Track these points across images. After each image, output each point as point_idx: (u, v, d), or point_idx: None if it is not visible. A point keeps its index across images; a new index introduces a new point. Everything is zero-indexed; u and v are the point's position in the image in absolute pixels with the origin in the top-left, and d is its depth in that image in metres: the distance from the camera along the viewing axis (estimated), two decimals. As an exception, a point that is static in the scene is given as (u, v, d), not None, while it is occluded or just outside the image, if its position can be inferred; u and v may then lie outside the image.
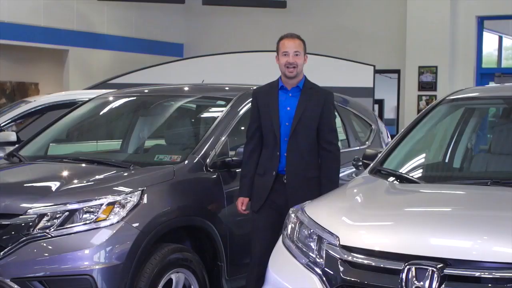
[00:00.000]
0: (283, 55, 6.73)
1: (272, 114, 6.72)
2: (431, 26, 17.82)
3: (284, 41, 6.81)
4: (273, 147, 6.71)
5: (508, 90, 7.41)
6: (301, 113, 6.68)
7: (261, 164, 6.79)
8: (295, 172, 6.66)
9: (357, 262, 4.81)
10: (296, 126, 6.66)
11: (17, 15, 16.81)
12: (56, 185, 6.69)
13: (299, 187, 6.64)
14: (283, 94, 6.81)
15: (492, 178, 5.86)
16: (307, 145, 6.73)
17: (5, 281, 6.09)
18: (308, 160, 6.73)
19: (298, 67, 6.72)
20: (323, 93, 6.95)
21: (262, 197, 6.70)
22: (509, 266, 4.44)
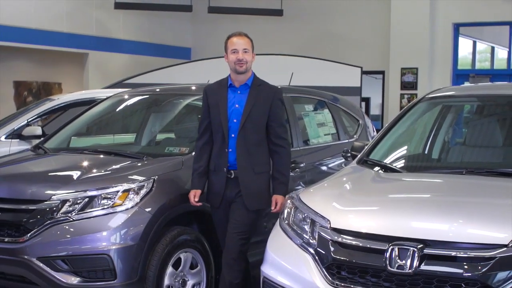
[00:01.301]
0: (232, 53, 6.36)
1: (221, 111, 6.32)
2: (412, 32, 17.82)
3: (233, 39, 6.43)
4: (222, 144, 6.32)
5: (481, 89, 7.41)
6: (250, 109, 6.29)
7: (212, 160, 6.40)
8: (245, 168, 6.27)
9: (346, 243, 4.81)
10: (245, 122, 6.26)
11: (43, 22, 16.79)
12: (77, 174, 6.68)
13: (251, 182, 6.27)
14: (232, 92, 6.42)
15: (467, 168, 5.88)
16: (256, 141, 6.33)
17: (32, 260, 6.10)
18: (257, 156, 6.33)
19: (248, 63, 6.36)
20: (271, 89, 6.50)
21: (219, 193, 6.32)
22: (482, 247, 4.45)
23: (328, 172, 8.07)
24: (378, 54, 18.56)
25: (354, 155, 6.48)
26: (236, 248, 6.21)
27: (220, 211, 6.40)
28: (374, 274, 4.64)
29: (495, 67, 19.72)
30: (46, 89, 18.30)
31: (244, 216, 6.24)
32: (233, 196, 6.28)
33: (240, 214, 6.24)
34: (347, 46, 18.92)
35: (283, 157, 6.37)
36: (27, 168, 7.32)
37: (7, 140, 10.56)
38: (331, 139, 9.06)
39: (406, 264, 4.53)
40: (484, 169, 5.78)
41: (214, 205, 6.40)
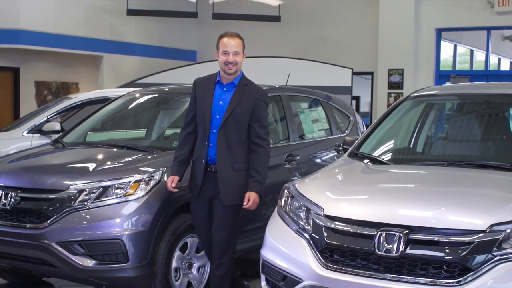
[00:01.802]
0: (223, 54, 6.02)
1: (205, 106, 6.05)
2: (398, 36, 17.82)
3: (224, 40, 6.07)
4: (203, 137, 6.06)
5: (461, 89, 7.40)
6: (233, 108, 5.99)
7: (195, 151, 6.17)
8: (225, 163, 6.00)
9: (338, 228, 4.82)
10: (227, 119, 5.97)
11: (61, 27, 16.78)
12: (92, 165, 6.68)
13: (228, 178, 6.00)
14: (218, 88, 6.13)
15: (448, 160, 5.88)
16: (237, 138, 6.03)
17: (51, 244, 6.11)
18: (237, 153, 6.03)
19: (237, 65, 6.05)
20: (256, 91, 6.19)
21: (197, 184, 6.07)
22: (462, 232, 4.46)
23: (322, 164, 8.07)
24: (367, 56, 18.55)
25: (346, 149, 6.47)
26: (222, 244, 6.10)
27: (198, 202, 6.17)
28: (364, 257, 4.65)
29: (474, 68, 19.71)
30: (64, 89, 18.28)
31: (225, 211, 6.06)
32: (212, 192, 6.07)
33: (221, 210, 6.06)
34: (339, 49, 18.91)
35: (261, 156, 6.11)
36: (47, 160, 7.32)
37: (28, 135, 10.59)
38: (325, 134, 9.06)
39: (393, 248, 4.54)
40: (464, 161, 5.77)
41: (194, 195, 6.19)
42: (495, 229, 4.44)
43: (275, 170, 7.65)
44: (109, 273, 6.12)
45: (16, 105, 17.37)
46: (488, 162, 5.66)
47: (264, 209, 7.27)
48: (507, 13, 16.88)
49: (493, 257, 4.36)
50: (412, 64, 17.85)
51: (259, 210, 7.26)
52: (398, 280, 4.50)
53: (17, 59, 17.13)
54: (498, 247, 4.39)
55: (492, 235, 4.42)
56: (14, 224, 6.35)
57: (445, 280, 4.39)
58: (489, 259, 4.36)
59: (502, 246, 4.39)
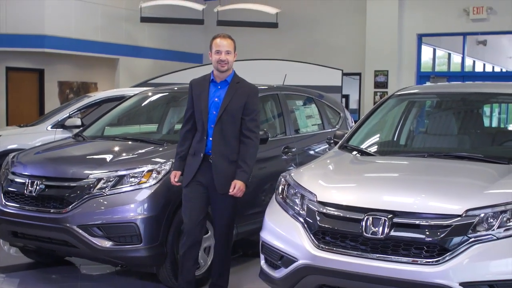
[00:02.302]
0: (215, 53, 5.85)
1: (202, 103, 5.85)
2: (384, 41, 17.81)
3: (217, 40, 5.89)
4: (202, 132, 5.83)
5: (440, 88, 7.39)
6: (227, 103, 5.80)
7: (193, 146, 5.91)
8: (220, 155, 5.78)
9: (329, 213, 4.80)
10: (222, 114, 5.78)
11: (82, 33, 16.79)
12: (109, 157, 6.69)
13: (223, 168, 5.78)
14: (213, 86, 5.93)
15: (428, 152, 5.88)
16: (232, 132, 5.83)
17: (73, 227, 6.13)
18: (231, 145, 5.83)
19: (229, 63, 5.86)
20: (248, 87, 6.00)
21: (190, 174, 5.82)
22: (441, 216, 4.46)
23: (315, 156, 8.06)
24: (356, 59, 18.54)
25: (336, 142, 6.46)
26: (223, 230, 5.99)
27: (188, 191, 5.87)
28: (352, 238, 4.64)
29: (451, 70, 19.70)
30: (84, 88, 18.29)
31: (222, 200, 5.88)
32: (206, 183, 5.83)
33: (218, 199, 5.88)
34: (330, 53, 18.89)
35: (249, 148, 5.88)
36: (69, 152, 7.31)
37: (52, 130, 10.63)
38: (317, 129, 9.05)
39: (379, 231, 4.53)
40: (442, 153, 5.76)
41: (183, 184, 5.89)
42: (470, 213, 4.44)
43: (273, 160, 7.65)
44: (124, 253, 6.14)
45: (41, 102, 17.38)
46: (464, 154, 5.65)
47: (263, 195, 7.29)
48: (481, 20, 16.89)
49: (469, 239, 4.37)
50: (395, 66, 17.84)
51: (258, 197, 7.27)
52: (383, 259, 4.49)
53: (42, 61, 17.14)
54: (473, 230, 4.39)
55: (467, 219, 4.42)
56: (39, 209, 6.37)
57: (425, 259, 4.39)
58: (465, 240, 4.36)
59: (476, 229, 4.40)
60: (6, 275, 7.09)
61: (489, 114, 14.07)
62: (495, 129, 6.87)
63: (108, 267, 7.34)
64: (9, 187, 6.69)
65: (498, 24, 16.80)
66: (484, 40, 19.23)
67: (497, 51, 23.15)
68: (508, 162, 5.30)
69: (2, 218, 6.60)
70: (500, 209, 4.45)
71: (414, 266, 4.40)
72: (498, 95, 6.96)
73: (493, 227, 4.39)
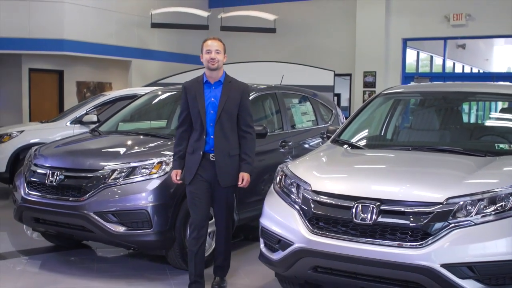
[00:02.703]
0: (206, 53, 5.67)
1: (199, 104, 5.63)
2: (372, 45, 17.81)
3: (208, 42, 5.73)
4: (201, 131, 5.61)
5: (423, 87, 7.39)
6: (224, 102, 5.64)
7: (190, 145, 5.70)
8: (222, 151, 5.61)
9: (322, 201, 4.80)
10: (221, 113, 5.61)
11: (98, 37, 16.77)
12: (123, 150, 6.68)
13: (224, 163, 5.63)
14: (207, 87, 5.71)
15: (412, 146, 5.87)
16: (230, 128, 5.68)
17: (90, 214, 6.12)
18: (231, 141, 5.68)
19: (219, 62, 5.65)
20: (240, 85, 5.84)
21: (192, 172, 5.63)
22: (424, 204, 4.48)
23: (309, 149, 8.06)
24: (346, 61, 18.51)
25: (329, 136, 6.45)
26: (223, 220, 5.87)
27: (192, 188, 5.67)
28: (343, 224, 4.64)
29: (433, 71, 19.67)
30: (100, 87, 18.27)
31: (224, 193, 5.74)
32: (209, 178, 5.66)
33: (220, 193, 5.73)
34: (323, 55, 18.87)
35: (249, 141, 5.81)
36: (86, 145, 7.30)
37: (71, 125, 10.64)
38: (312, 124, 9.04)
39: (367, 217, 4.54)
40: (425, 146, 5.75)
41: (186, 181, 5.71)
42: (451, 201, 4.45)
43: (272, 153, 7.65)
44: (136, 237, 6.13)
45: (60, 100, 17.38)
46: (445, 147, 5.64)
47: (262, 185, 7.28)
48: (460, 26, 16.90)
49: (449, 224, 4.37)
50: (383, 67, 17.83)
51: (258, 186, 7.26)
52: (371, 243, 4.50)
53: (61, 63, 17.13)
54: (453, 216, 4.40)
55: (448, 207, 4.43)
56: (59, 198, 6.37)
57: (409, 243, 4.40)
58: (446, 226, 4.37)
59: (456, 215, 4.41)
60: (29, 258, 7.10)
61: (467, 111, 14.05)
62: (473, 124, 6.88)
63: (121, 250, 7.35)
64: (32, 177, 6.69)
65: (476, 29, 16.81)
66: (463, 44, 19.25)
67: (475, 54, 23.16)
68: (485, 155, 5.31)
69: (25, 205, 6.60)
70: (477, 197, 4.47)
71: (400, 249, 4.41)
72: (476, 94, 6.95)
73: (471, 214, 4.41)
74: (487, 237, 4.32)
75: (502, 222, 4.38)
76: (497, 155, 5.36)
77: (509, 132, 6.06)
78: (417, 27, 17.55)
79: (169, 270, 6.55)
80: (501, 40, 20.26)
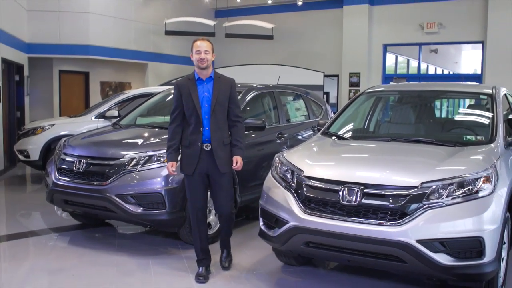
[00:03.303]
0: (196, 53, 5.42)
1: (194, 99, 5.33)
2: (357, 50, 17.75)
3: (197, 43, 5.46)
4: (196, 124, 5.31)
5: (401, 87, 7.36)
6: (217, 95, 5.36)
7: (185, 138, 5.40)
8: (218, 141, 5.33)
9: (314, 185, 4.80)
10: (215, 106, 5.34)
11: (119, 43, 16.72)
12: (141, 141, 6.66)
13: (221, 151, 5.34)
14: (200, 84, 5.42)
15: (391, 137, 5.86)
16: (223, 119, 5.41)
17: (112, 196, 6.12)
18: (224, 130, 5.42)
19: (208, 61, 5.38)
20: (228, 80, 5.55)
21: (193, 163, 5.34)
22: (401, 188, 4.48)
23: (302, 140, 8.04)
24: (334, 63, 18.46)
25: (319, 129, 6.44)
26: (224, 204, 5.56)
27: (193, 178, 5.40)
28: (332, 205, 4.64)
29: (409, 72, 19.59)
30: (120, 86, 18.22)
31: (223, 179, 5.44)
32: (208, 166, 5.38)
33: (219, 179, 5.43)
34: (314, 59, 18.81)
35: (240, 129, 5.54)
36: (108, 137, 7.28)
37: (95, 119, 10.63)
38: (304, 119, 9.03)
39: (352, 199, 4.54)
40: (402, 138, 5.74)
41: (188, 173, 5.40)
42: (425, 185, 4.45)
43: (269, 144, 7.63)
44: (152, 216, 6.13)
45: (86, 98, 17.35)
46: (420, 138, 5.65)
47: (262, 171, 7.26)
48: (432, 33, 16.87)
49: (423, 205, 4.38)
50: (366, 69, 17.78)
51: (258, 172, 7.26)
52: (356, 221, 4.50)
53: (87, 66, 17.10)
54: (427, 198, 4.41)
55: (422, 190, 4.44)
56: (85, 182, 6.36)
57: (389, 221, 4.40)
58: (420, 207, 4.38)
59: (429, 197, 4.42)
60: (59, 234, 7.10)
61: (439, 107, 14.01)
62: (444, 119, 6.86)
63: (139, 228, 7.35)
64: (61, 164, 6.67)
65: (447, 36, 16.78)
66: (435, 49, 19.18)
67: (446, 57, 23.11)
68: (454, 145, 5.31)
69: (56, 189, 6.60)
70: (448, 182, 4.48)
71: (380, 227, 4.41)
72: (447, 92, 6.95)
73: (442, 196, 4.42)
74: (456, 216, 4.33)
75: (469, 204, 4.40)
76: (465, 145, 5.36)
77: (475, 126, 6.05)
78: (396, 34, 17.52)
79: (181, 245, 6.56)
80: (469, 46, 20.20)
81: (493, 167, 4.67)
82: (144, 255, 6.21)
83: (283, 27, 19.42)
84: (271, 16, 19.52)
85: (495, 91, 6.19)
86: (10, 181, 11.36)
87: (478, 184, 4.48)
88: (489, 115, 5.84)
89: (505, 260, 5.01)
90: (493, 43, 15.60)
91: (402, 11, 17.37)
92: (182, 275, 5.54)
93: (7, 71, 13.09)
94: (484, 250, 4.32)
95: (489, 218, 4.37)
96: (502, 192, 4.62)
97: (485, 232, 4.32)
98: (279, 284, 5.34)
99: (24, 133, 10.99)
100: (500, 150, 5.21)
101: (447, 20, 16.68)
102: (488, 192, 4.47)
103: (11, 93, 13.40)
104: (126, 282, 5.38)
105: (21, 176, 12.12)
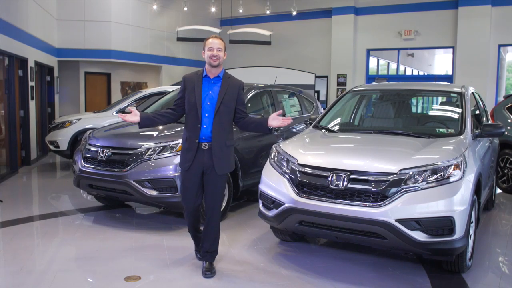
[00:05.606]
0: (208, 50, 4.72)
1: (196, 95, 4.67)
2: (344, 54, 17.70)
3: (210, 40, 4.75)
4: (195, 121, 4.67)
5: (382, 86, 7.32)
6: (223, 96, 4.68)
7: (185, 133, 4.78)
8: (219, 141, 4.65)
9: (306, 172, 4.79)
10: (220, 106, 4.65)
11: (136, 48, 16.67)
12: (156, 133, 6.57)
13: (220, 152, 4.65)
14: (206, 81, 4.74)
15: (374, 130, 5.84)
16: (227, 120, 4.72)
17: (130, 181, 6.10)
18: (228, 132, 4.73)
19: (220, 59, 4.72)
20: (237, 82, 4.86)
21: (189, 159, 4.68)
22: (382, 174, 4.47)
23: (296, 133, 8.03)
24: (324, 65, 18.41)
25: (311, 123, 6.43)
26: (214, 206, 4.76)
27: (188, 174, 4.74)
28: (322, 189, 4.63)
29: (389, 73, 19.54)
30: (138, 86, 18.18)
31: (217, 180, 4.71)
32: (205, 165, 4.69)
33: (214, 180, 4.70)
34: (306, 61, 18.76)
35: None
36: (127, 130, 7.22)
37: (116, 115, 10.59)
38: (298, 114, 9.00)
39: (340, 184, 4.53)
40: (383, 130, 5.73)
41: (184, 168, 4.75)
42: (403, 172, 4.45)
43: (268, 136, 7.61)
44: (166, 199, 6.11)
45: (108, 96, 17.33)
46: (399, 131, 5.63)
47: (261, 159, 7.25)
48: (409, 40, 16.86)
49: (401, 189, 4.37)
50: (351, 71, 17.74)
51: (258, 160, 7.24)
52: (343, 203, 4.50)
53: (109, 68, 17.05)
54: (405, 183, 4.40)
55: (400, 176, 4.43)
56: (107, 169, 6.34)
57: (372, 203, 4.39)
58: (399, 190, 4.38)
59: (407, 182, 4.41)
60: (85, 214, 7.09)
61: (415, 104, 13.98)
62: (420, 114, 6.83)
63: (154, 209, 7.34)
64: (87, 154, 6.65)
65: (422, 42, 16.77)
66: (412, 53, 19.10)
67: (421, 61, 23.06)
68: (429, 137, 5.30)
69: (82, 175, 6.58)
70: (423, 169, 4.47)
71: (364, 208, 4.40)
72: (422, 91, 6.95)
73: (418, 181, 4.41)
74: (430, 199, 4.32)
75: (441, 188, 4.39)
76: (437, 137, 5.35)
77: (447, 120, 6.03)
78: (377, 40, 17.50)
79: (191, 223, 6.54)
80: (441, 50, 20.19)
81: (462, 156, 4.67)
82: (158, 232, 6.20)
83: (280, 34, 19.37)
84: (269, 24, 19.46)
85: (464, 90, 6.19)
86: (42, 168, 11.35)
87: (449, 171, 4.47)
88: (458, 111, 5.84)
89: (473, 237, 5.01)
90: (462, 48, 15.62)
91: (383, 20, 17.34)
92: (191, 249, 5.53)
93: (40, 72, 13.11)
94: (455, 228, 4.33)
95: (459, 200, 4.37)
96: (470, 178, 4.62)
97: (455, 213, 4.32)
98: (276, 258, 5.33)
99: (54, 126, 10.98)
100: (468, 141, 5.21)
101: (422, 28, 16.67)
102: (458, 178, 4.47)
103: (43, 91, 13.41)
104: (143, 254, 5.38)
105: (52, 163, 12.11)
